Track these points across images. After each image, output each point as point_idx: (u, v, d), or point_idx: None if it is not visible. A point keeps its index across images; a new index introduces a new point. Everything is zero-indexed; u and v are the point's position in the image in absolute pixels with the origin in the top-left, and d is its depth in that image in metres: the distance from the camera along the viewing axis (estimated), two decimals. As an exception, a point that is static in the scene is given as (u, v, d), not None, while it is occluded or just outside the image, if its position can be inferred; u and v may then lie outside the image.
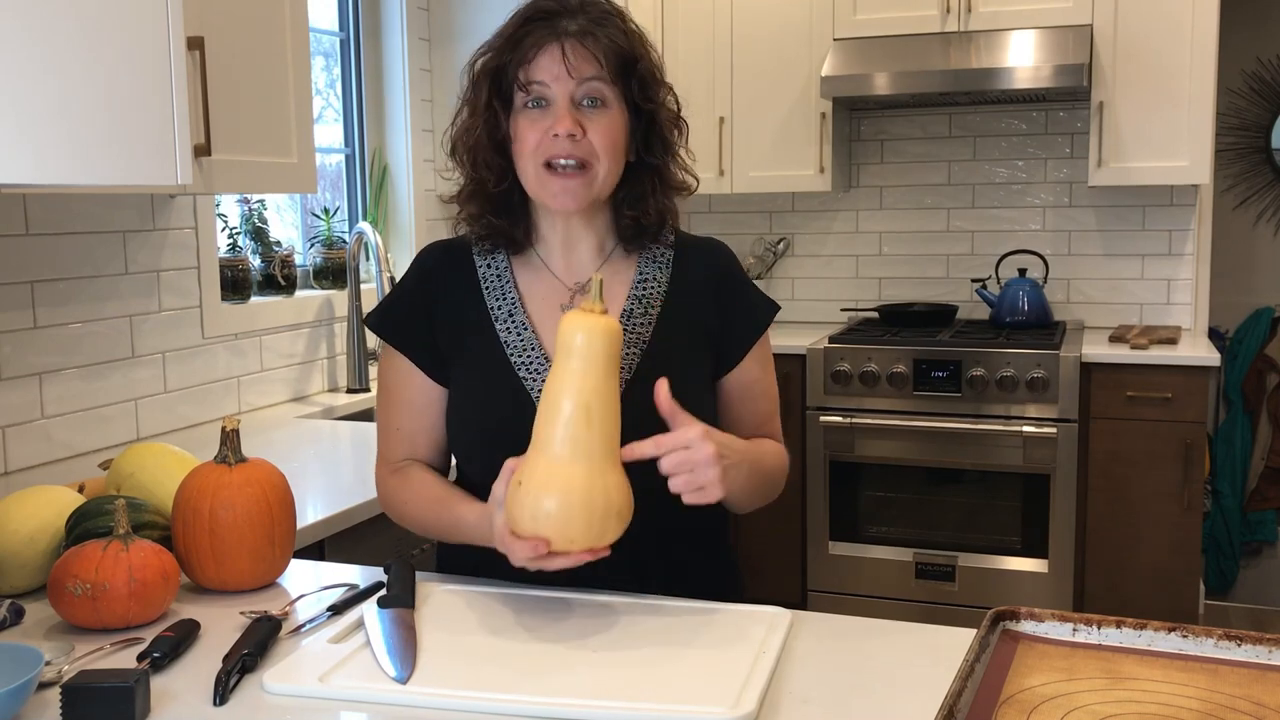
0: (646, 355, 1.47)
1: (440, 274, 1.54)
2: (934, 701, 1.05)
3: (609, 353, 1.27)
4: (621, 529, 1.28)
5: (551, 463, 1.25)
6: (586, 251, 1.52)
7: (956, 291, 4.25)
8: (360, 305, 3.06)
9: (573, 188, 1.42)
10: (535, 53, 1.41)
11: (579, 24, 1.41)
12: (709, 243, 1.60)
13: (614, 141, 1.43)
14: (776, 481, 1.53)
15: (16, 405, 2.17)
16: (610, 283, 1.51)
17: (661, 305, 1.51)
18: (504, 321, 1.49)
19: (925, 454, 3.66)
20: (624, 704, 1.10)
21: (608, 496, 1.25)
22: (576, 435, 1.25)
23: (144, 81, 1.58)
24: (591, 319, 1.27)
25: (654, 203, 1.50)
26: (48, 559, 1.47)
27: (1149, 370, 3.47)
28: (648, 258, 1.54)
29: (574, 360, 1.26)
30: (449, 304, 1.51)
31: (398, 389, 1.52)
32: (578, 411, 1.25)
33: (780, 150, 4.05)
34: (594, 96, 1.42)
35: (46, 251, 2.22)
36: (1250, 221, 4.54)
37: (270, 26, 2.24)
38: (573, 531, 1.24)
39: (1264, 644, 1.12)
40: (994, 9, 3.74)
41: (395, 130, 3.40)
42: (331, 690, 1.15)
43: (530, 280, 1.52)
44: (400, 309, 1.55)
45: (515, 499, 1.26)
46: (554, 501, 1.23)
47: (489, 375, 1.47)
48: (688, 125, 1.53)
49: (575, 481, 1.24)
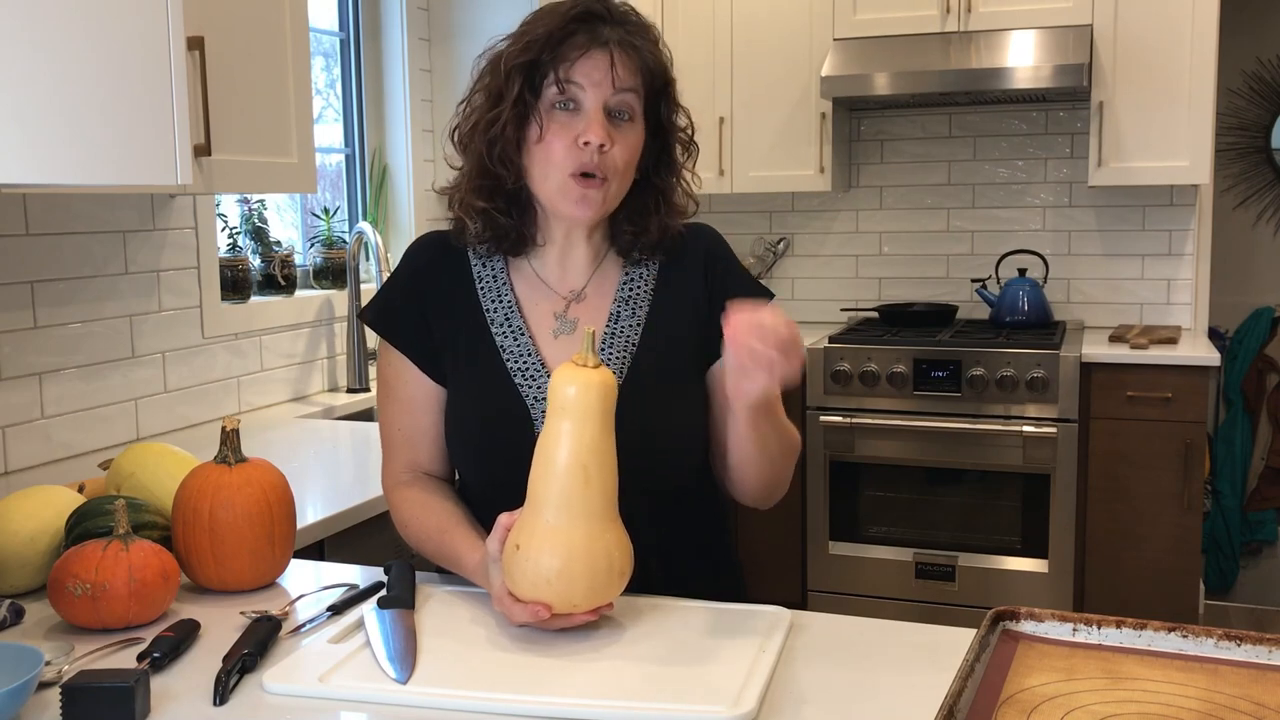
0: (636, 358, 1.46)
1: (434, 269, 1.52)
2: (934, 701, 1.05)
3: (603, 407, 1.24)
4: (623, 585, 1.26)
5: (550, 525, 1.22)
6: (581, 260, 1.51)
7: (956, 291, 4.25)
8: (360, 305, 3.06)
9: (593, 197, 1.40)
10: (579, 55, 1.38)
11: (620, 33, 1.40)
12: (696, 228, 1.57)
13: (632, 158, 1.42)
14: (790, 459, 1.47)
15: (16, 405, 2.17)
16: (599, 290, 1.50)
17: (649, 304, 1.49)
18: (500, 326, 1.47)
19: (925, 454, 3.66)
20: (624, 704, 1.10)
21: (610, 557, 1.23)
22: (573, 495, 1.22)
23: (144, 81, 1.58)
24: (584, 373, 1.24)
25: (656, 221, 1.48)
26: (48, 559, 1.47)
27: (1149, 370, 3.47)
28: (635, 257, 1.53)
29: (568, 418, 1.23)
30: (443, 300, 1.50)
31: (397, 386, 1.51)
32: (575, 470, 1.22)
33: (780, 150, 4.05)
34: (625, 109, 1.40)
35: (46, 251, 2.22)
36: (1250, 221, 4.54)
37: (270, 26, 2.24)
38: (575, 596, 1.22)
39: (1264, 644, 1.12)
40: (994, 9, 3.74)
41: (395, 130, 3.40)
42: (331, 690, 1.15)
43: (524, 287, 1.50)
44: (394, 303, 1.53)
45: (514, 563, 1.23)
46: (554, 567, 1.20)
47: (486, 382, 1.46)
48: (698, 149, 1.52)
49: (576, 545, 1.21)
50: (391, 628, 1.27)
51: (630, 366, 1.45)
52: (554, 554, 1.21)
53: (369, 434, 2.63)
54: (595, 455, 1.23)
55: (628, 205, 1.48)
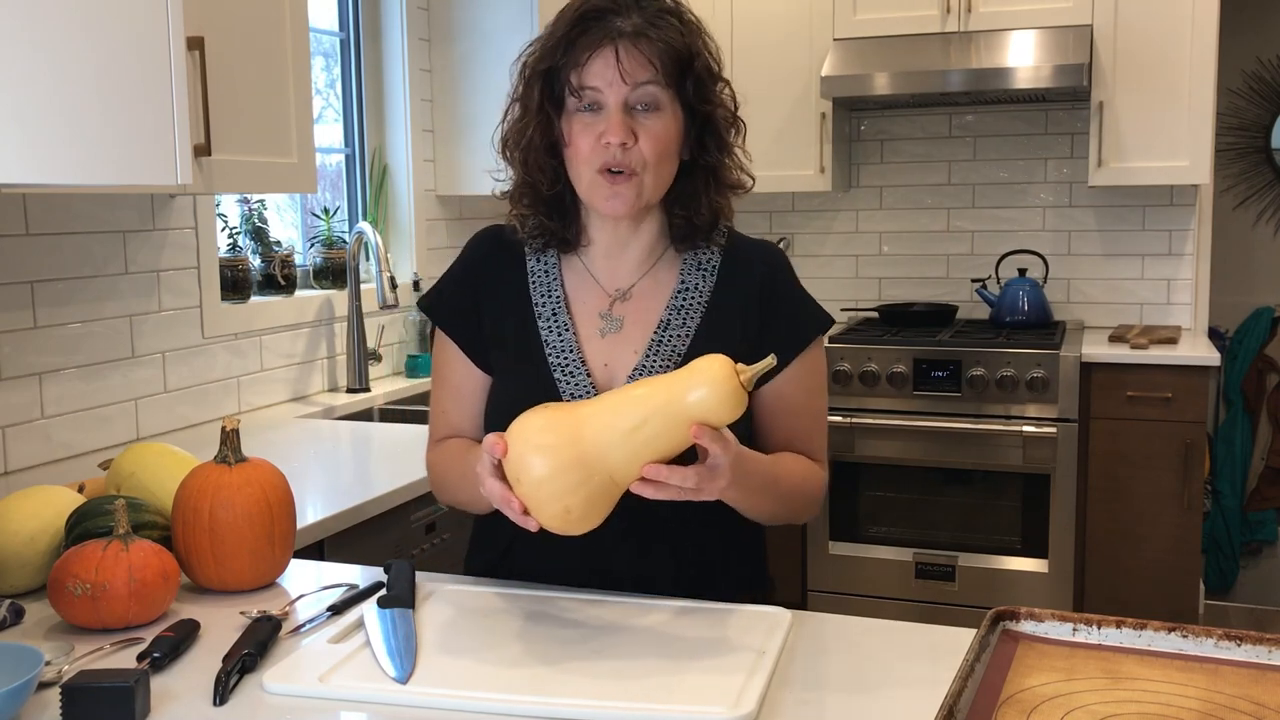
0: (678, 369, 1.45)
1: (489, 262, 1.53)
2: (934, 701, 1.05)
3: (719, 415, 1.21)
4: (564, 528, 1.23)
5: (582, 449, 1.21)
6: (634, 256, 1.49)
7: (956, 291, 4.25)
8: (360, 305, 3.06)
9: (623, 193, 1.39)
10: (588, 56, 1.37)
11: (633, 23, 1.37)
12: (762, 246, 1.55)
13: (665, 147, 1.40)
14: (800, 502, 1.47)
15: (16, 405, 2.17)
16: (650, 292, 1.49)
17: (702, 316, 1.47)
18: (547, 320, 1.48)
19: (925, 454, 3.66)
20: (624, 704, 1.10)
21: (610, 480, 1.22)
22: (617, 440, 1.20)
23: (144, 81, 1.58)
24: (735, 382, 1.21)
25: (706, 201, 1.46)
26: (48, 559, 1.47)
27: (1149, 370, 3.47)
28: (693, 264, 1.50)
29: (701, 387, 1.21)
30: (496, 293, 1.51)
31: (446, 371, 1.54)
32: (641, 425, 1.20)
33: (780, 150, 4.05)
34: (648, 101, 1.38)
35: (46, 251, 2.22)
36: (1250, 221, 4.54)
37: (270, 26, 2.24)
38: (547, 502, 1.21)
39: (1264, 644, 1.12)
40: (994, 9, 3.74)
41: (395, 130, 3.40)
42: (331, 690, 1.15)
43: (574, 282, 1.50)
44: (449, 293, 1.55)
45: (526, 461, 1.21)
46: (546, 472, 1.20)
47: (526, 373, 1.46)
48: (744, 123, 1.48)
49: (577, 474, 1.20)
50: (391, 627, 1.27)
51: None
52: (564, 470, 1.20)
53: (369, 434, 2.63)
54: (650, 447, 1.21)
55: (676, 190, 1.45)
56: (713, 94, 1.43)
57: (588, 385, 1.44)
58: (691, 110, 1.42)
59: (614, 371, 1.46)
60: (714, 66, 1.44)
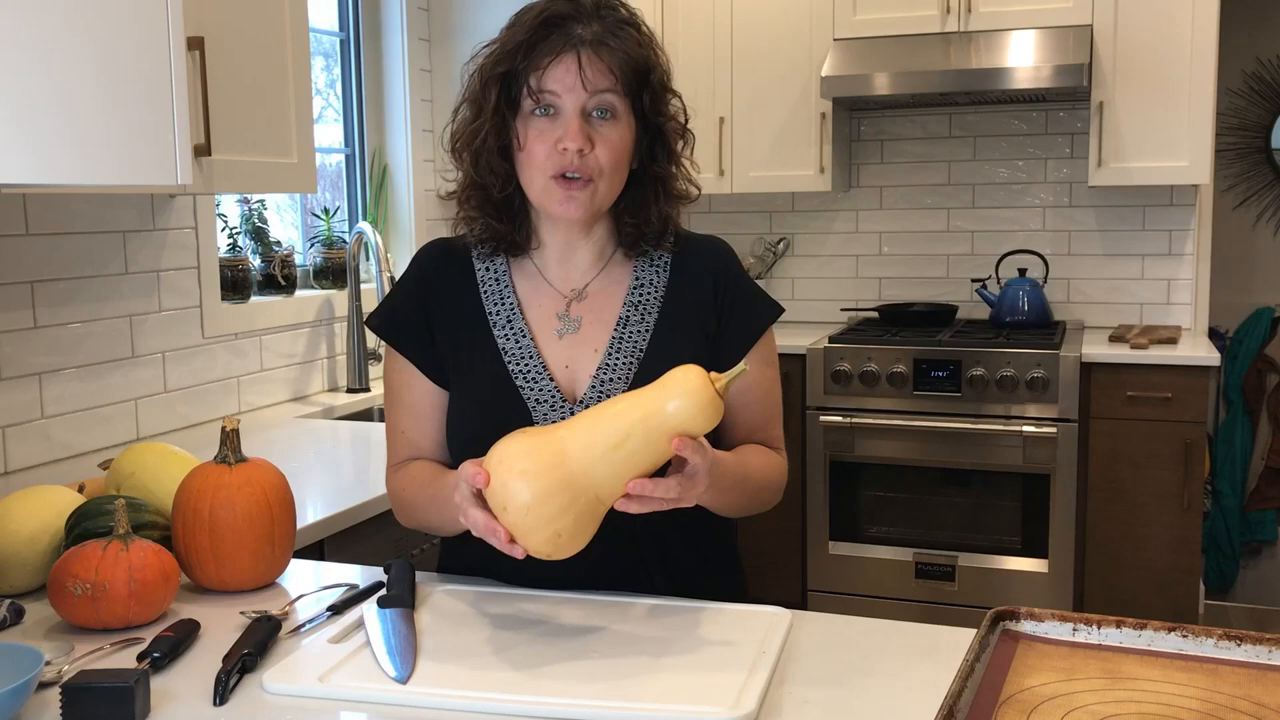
0: (642, 364, 1.46)
1: (438, 274, 1.53)
2: (934, 701, 1.05)
3: (695, 426, 1.22)
4: (553, 553, 1.23)
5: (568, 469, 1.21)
6: (587, 258, 1.51)
7: (956, 291, 4.25)
8: (360, 305, 3.06)
9: (578, 197, 1.40)
10: (549, 61, 1.38)
11: (594, 31, 1.39)
12: (709, 242, 1.57)
13: (620, 155, 1.42)
14: (767, 494, 1.49)
15: (16, 405, 2.17)
16: (605, 290, 1.50)
17: (659, 311, 1.49)
18: (502, 328, 1.48)
19: (925, 454, 3.66)
20: (624, 704, 1.10)
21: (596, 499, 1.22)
22: (597, 457, 1.21)
23: (144, 81, 1.58)
24: (711, 391, 1.22)
25: (656, 210, 1.48)
26: (48, 559, 1.47)
27: (1149, 370, 3.47)
28: (644, 262, 1.52)
29: (676, 398, 1.21)
30: (446, 305, 1.50)
31: (402, 390, 1.52)
32: (622, 439, 1.21)
33: (780, 150, 4.05)
34: (605, 108, 1.40)
35: (46, 251, 2.22)
36: (1250, 221, 4.54)
37: (270, 26, 2.24)
38: (534, 529, 1.21)
39: (1264, 644, 1.12)
40: (994, 9, 3.74)
41: (395, 130, 3.40)
42: (331, 690, 1.15)
43: (527, 287, 1.51)
44: (399, 309, 1.54)
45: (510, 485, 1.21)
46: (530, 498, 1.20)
47: (487, 385, 1.46)
48: (694, 135, 1.51)
49: (562, 496, 1.20)
50: (391, 627, 1.27)
51: (636, 373, 1.45)
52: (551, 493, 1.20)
53: (369, 434, 2.63)
54: (630, 466, 1.21)
55: (626, 198, 1.47)
56: (666, 106, 1.46)
57: (551, 389, 1.44)
58: (644, 121, 1.44)
59: (575, 373, 1.46)
60: (667, 79, 1.47)
